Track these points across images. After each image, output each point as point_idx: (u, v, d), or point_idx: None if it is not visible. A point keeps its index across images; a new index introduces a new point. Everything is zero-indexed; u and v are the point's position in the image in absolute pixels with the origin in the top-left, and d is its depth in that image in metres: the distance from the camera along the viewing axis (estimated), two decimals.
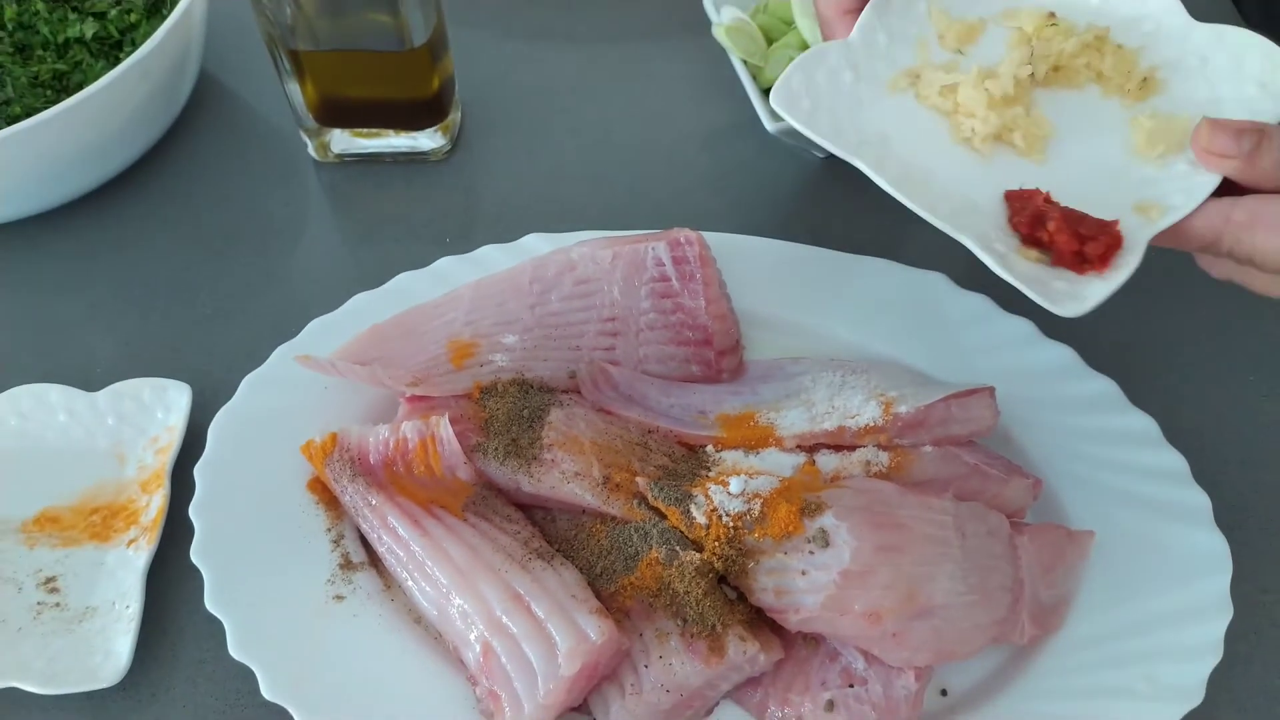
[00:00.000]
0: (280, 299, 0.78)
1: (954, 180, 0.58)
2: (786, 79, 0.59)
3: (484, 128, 0.89)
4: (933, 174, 0.58)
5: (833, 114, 0.59)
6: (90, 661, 0.60)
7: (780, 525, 0.56)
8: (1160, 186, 0.56)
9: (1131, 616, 0.60)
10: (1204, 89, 0.59)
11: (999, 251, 0.53)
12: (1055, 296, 0.50)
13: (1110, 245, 0.52)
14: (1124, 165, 0.58)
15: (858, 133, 0.58)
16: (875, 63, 0.62)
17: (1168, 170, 0.56)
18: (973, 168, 0.58)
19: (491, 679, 0.55)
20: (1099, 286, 0.51)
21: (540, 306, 0.70)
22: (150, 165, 0.86)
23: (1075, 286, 0.51)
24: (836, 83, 0.60)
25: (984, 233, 0.54)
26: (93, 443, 0.70)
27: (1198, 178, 0.54)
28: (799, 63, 0.59)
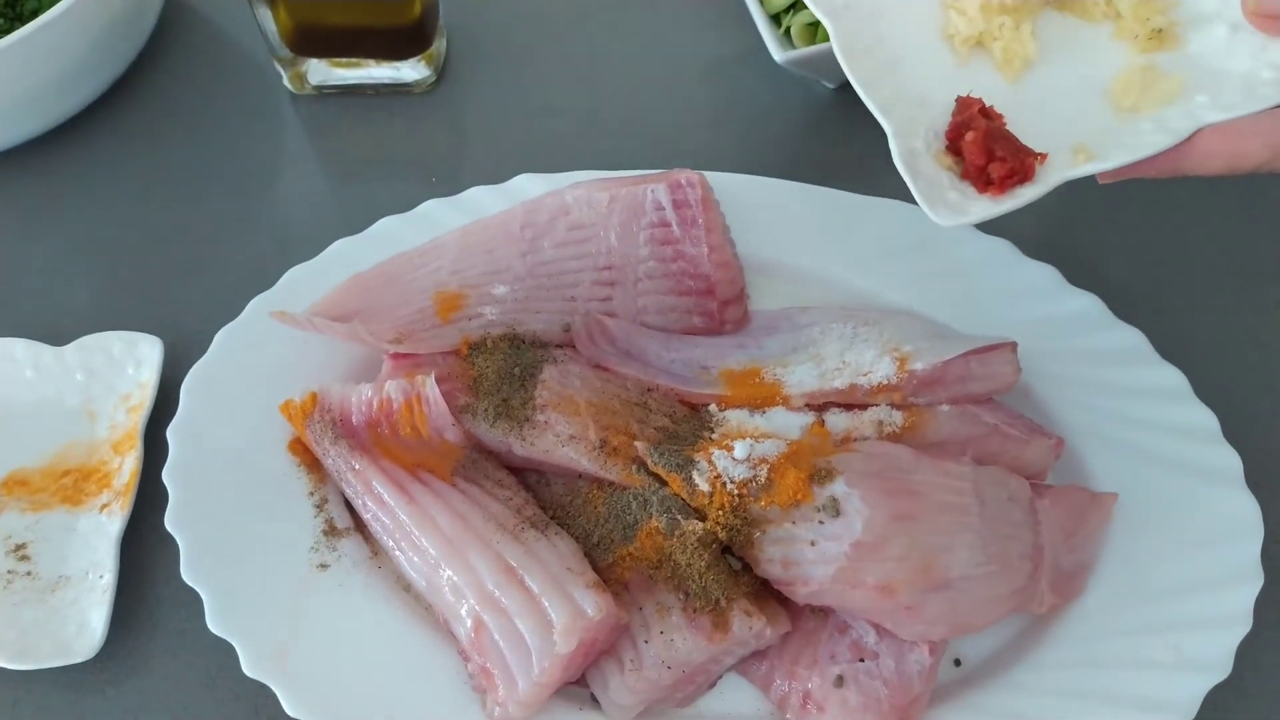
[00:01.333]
0: (256, 244, 0.74)
1: (919, 71, 0.55)
2: None
3: (471, 57, 0.84)
4: (902, 58, 0.55)
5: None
6: (63, 634, 0.58)
7: (788, 493, 0.53)
8: (1108, 136, 0.52)
9: (1156, 583, 0.58)
10: (1219, 57, 0.53)
11: (914, 148, 0.51)
12: (939, 204, 0.49)
13: (1014, 171, 0.49)
14: (1090, 107, 0.54)
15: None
16: None
17: (1129, 125, 0.52)
18: (944, 66, 0.56)
19: (484, 655, 0.53)
20: (984, 207, 0.49)
21: (532, 254, 0.65)
22: (113, 101, 0.80)
23: (965, 201, 0.50)
24: None
25: (914, 125, 0.52)
26: (61, 400, 0.66)
27: (1149, 137, 0.50)
28: None
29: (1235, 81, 0.51)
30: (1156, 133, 0.50)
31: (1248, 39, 0.53)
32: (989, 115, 0.52)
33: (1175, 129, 0.50)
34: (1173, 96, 0.52)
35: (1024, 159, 0.50)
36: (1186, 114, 0.50)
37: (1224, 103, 0.50)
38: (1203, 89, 0.51)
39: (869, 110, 0.51)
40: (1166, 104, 0.52)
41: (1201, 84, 0.52)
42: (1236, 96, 0.50)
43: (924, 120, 0.53)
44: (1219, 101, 0.50)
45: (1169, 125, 0.51)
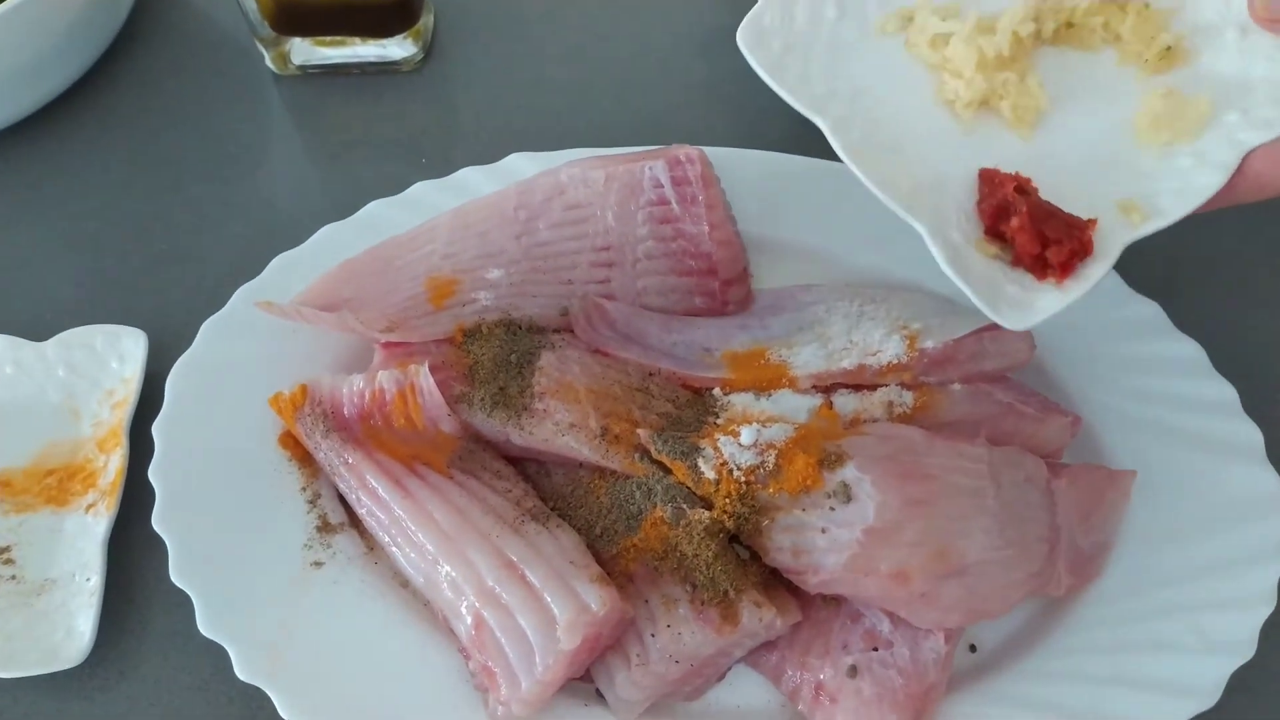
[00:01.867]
0: (241, 232, 0.72)
1: (927, 149, 0.51)
2: (758, 14, 0.52)
3: (460, 33, 0.81)
4: (904, 139, 0.51)
5: (805, 59, 0.52)
6: (51, 640, 0.56)
7: (797, 479, 0.51)
8: (1153, 183, 0.48)
9: (1176, 563, 0.56)
10: (1236, 65, 0.50)
11: (955, 242, 0.47)
12: (1002, 304, 0.45)
13: (1075, 252, 0.46)
14: (1122, 151, 0.50)
15: (828, 83, 0.52)
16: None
17: (1168, 163, 0.49)
18: (951, 136, 0.52)
19: (485, 653, 0.51)
20: (1053, 298, 0.46)
21: (527, 236, 0.63)
22: (90, 87, 0.78)
23: (1029, 294, 0.46)
24: (817, 20, 0.54)
25: (944, 215, 0.48)
26: (43, 397, 0.64)
27: (1198, 177, 0.47)
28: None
29: (1262, 90, 0.48)
30: (1202, 170, 0.47)
31: (1261, 41, 0.49)
32: (1024, 190, 0.48)
33: (1221, 161, 0.47)
34: (1205, 120, 0.48)
35: (1080, 234, 0.46)
36: (1226, 140, 0.47)
37: (1259, 118, 0.47)
38: (1231, 105, 0.48)
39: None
40: (1200, 130, 0.49)
41: (1229, 99, 0.49)
42: (1270, 109, 0.47)
43: (953, 204, 0.49)
44: (1253, 118, 0.47)
45: (1212, 158, 0.47)
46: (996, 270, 0.47)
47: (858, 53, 0.54)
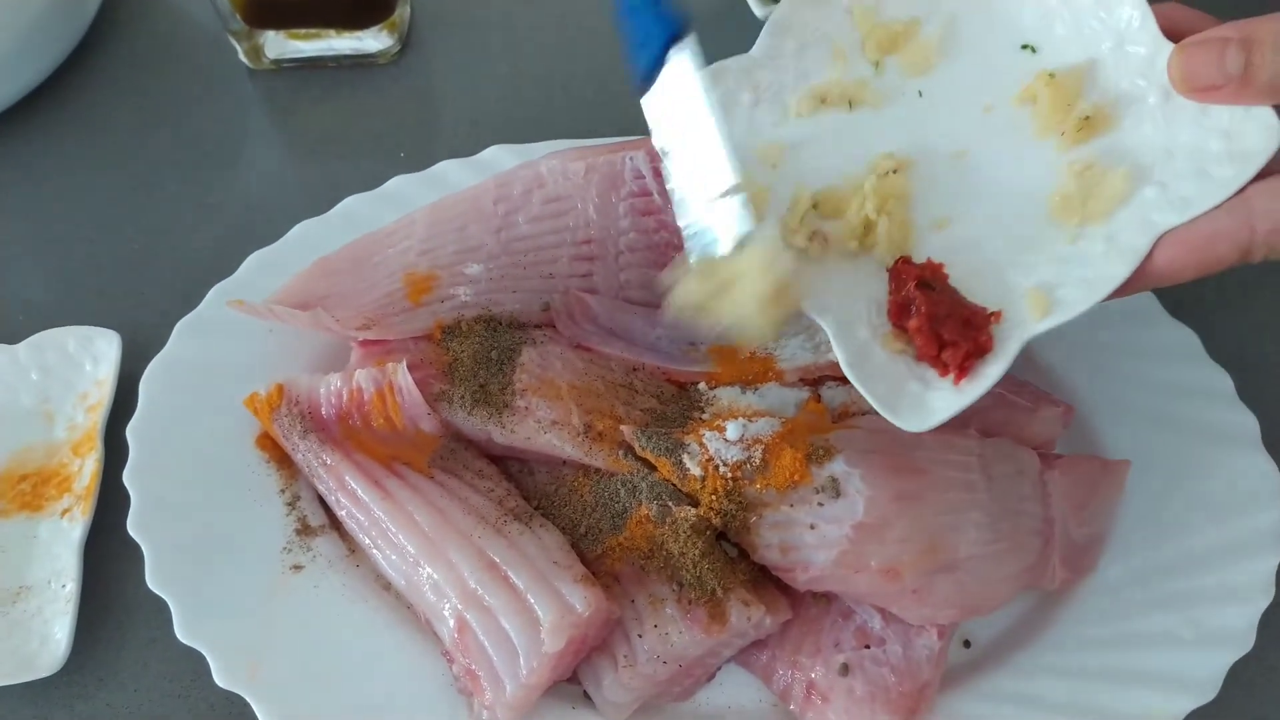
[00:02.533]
0: (215, 230, 0.70)
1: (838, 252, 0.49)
2: None
3: (436, 24, 0.80)
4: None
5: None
6: (26, 648, 0.55)
7: (785, 474, 0.50)
8: (1062, 270, 0.45)
9: (1172, 555, 0.55)
10: (1159, 134, 0.46)
11: (861, 339, 0.46)
12: (902, 406, 0.44)
13: (970, 354, 0.44)
14: (1038, 231, 0.47)
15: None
16: (781, 76, 0.53)
17: (1079, 247, 0.46)
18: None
19: (468, 656, 0.50)
20: (949, 400, 0.44)
21: (506, 230, 0.62)
22: (59, 84, 0.76)
23: (930, 393, 0.45)
24: (732, 107, 0.52)
25: (855, 310, 0.47)
26: (16, 401, 0.63)
27: (1108, 266, 0.44)
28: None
29: (1183, 161, 0.45)
30: (1111, 257, 0.44)
31: (1185, 106, 0.45)
32: (929, 282, 0.46)
33: (1131, 247, 0.44)
34: (1119, 198, 0.45)
35: (977, 335, 0.44)
36: (1139, 222, 0.44)
37: (1177, 196, 0.44)
38: (1150, 178, 0.45)
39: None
40: (1113, 210, 0.45)
41: (1149, 171, 0.45)
42: (1190, 185, 0.44)
43: (863, 299, 0.47)
44: (1171, 194, 0.44)
45: (1123, 242, 0.44)
46: (900, 366, 0.46)
47: (775, 135, 0.52)
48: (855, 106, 0.53)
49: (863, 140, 0.52)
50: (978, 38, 0.52)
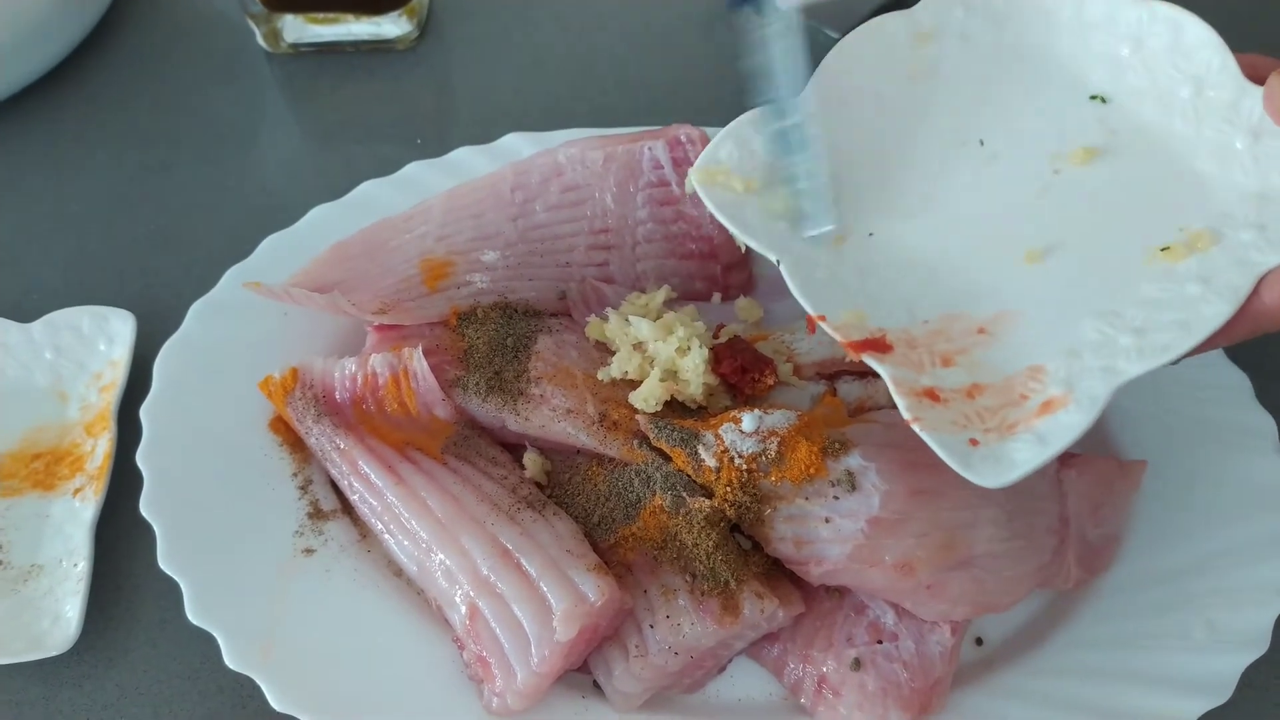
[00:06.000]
0: (231, 213, 0.70)
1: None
2: (713, 150, 0.50)
3: (456, 10, 0.79)
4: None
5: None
6: (37, 627, 0.55)
7: (800, 467, 0.50)
8: (1152, 314, 0.43)
9: (1187, 555, 0.55)
10: (1250, 179, 0.45)
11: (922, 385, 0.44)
12: (971, 459, 0.42)
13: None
14: (1124, 277, 0.45)
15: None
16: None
17: (1170, 290, 0.44)
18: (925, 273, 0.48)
19: (480, 643, 0.50)
20: (1031, 451, 0.42)
21: (523, 218, 0.61)
22: (77, 65, 0.76)
23: (1004, 444, 0.43)
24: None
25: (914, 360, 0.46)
26: (30, 380, 0.63)
27: (1206, 307, 0.42)
28: (732, 128, 0.51)
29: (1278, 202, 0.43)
30: (1209, 298, 0.42)
31: (1275, 147, 0.44)
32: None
33: (1230, 286, 0.42)
34: (1212, 241, 0.44)
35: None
36: (1237, 263, 0.42)
37: (1278, 236, 0.42)
38: (1246, 223, 0.43)
39: None
40: (1209, 248, 0.43)
41: (1243, 218, 0.44)
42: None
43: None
44: (1271, 236, 0.42)
45: (1220, 283, 0.42)
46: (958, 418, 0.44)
47: None
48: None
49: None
50: (1040, 90, 0.51)
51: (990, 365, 0.45)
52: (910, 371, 0.44)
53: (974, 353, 0.45)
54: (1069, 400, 0.42)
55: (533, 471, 0.55)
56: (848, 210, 0.50)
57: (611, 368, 0.56)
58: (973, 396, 0.44)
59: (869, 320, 0.46)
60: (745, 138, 0.51)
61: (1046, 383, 0.43)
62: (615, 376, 0.56)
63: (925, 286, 0.48)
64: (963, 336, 0.46)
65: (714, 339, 0.57)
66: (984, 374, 0.45)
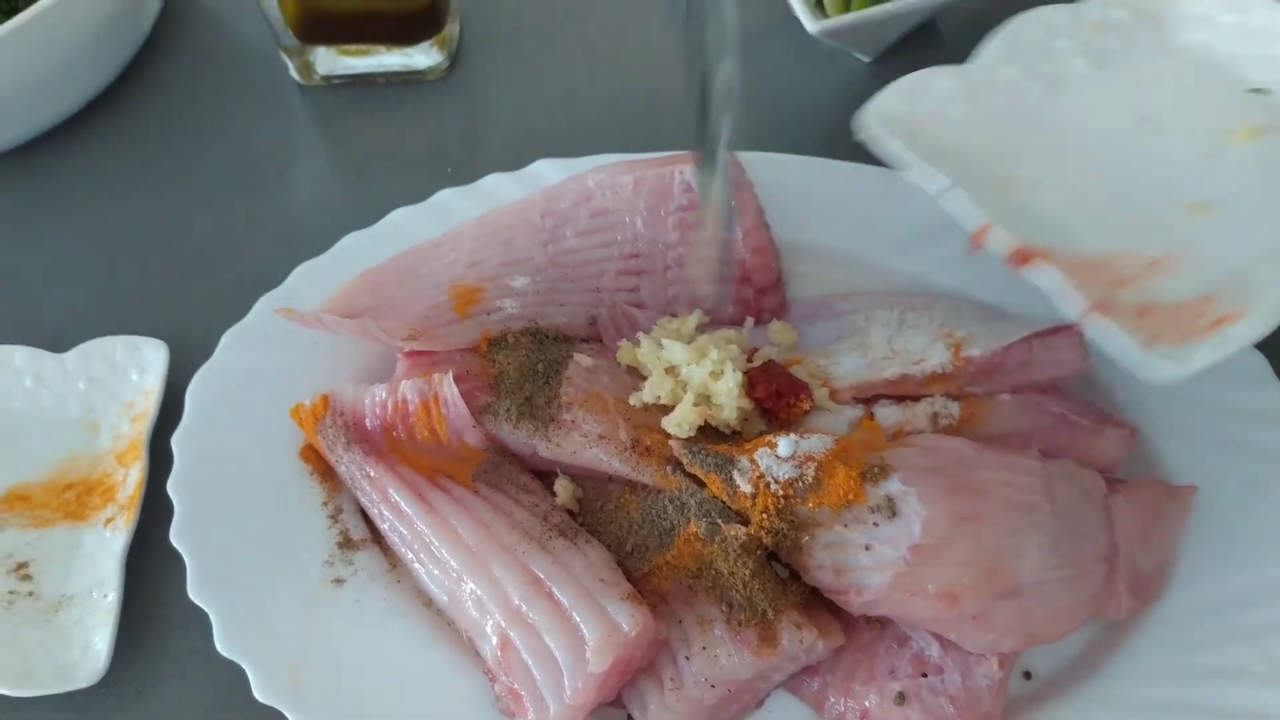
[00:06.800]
0: (264, 243, 0.70)
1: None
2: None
3: (485, 41, 0.80)
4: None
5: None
6: (67, 658, 0.54)
7: (838, 493, 0.49)
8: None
9: (1242, 584, 0.53)
10: None
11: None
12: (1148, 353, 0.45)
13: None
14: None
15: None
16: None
17: None
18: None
19: (511, 675, 0.49)
20: (1208, 352, 0.45)
21: (553, 244, 0.61)
22: (114, 98, 0.77)
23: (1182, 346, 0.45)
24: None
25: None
26: (63, 410, 0.63)
27: None
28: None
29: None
30: None
31: None
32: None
33: None
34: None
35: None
36: None
37: None
38: None
39: None
40: None
41: None
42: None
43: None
44: None
45: None
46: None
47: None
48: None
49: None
50: (1201, 83, 0.55)
51: (1161, 292, 0.47)
52: (1082, 282, 0.47)
53: (1143, 282, 0.48)
54: (1244, 314, 0.44)
55: (564, 499, 0.55)
56: (1015, 170, 0.53)
57: (644, 392, 0.55)
58: (1144, 315, 0.46)
59: (1036, 242, 0.48)
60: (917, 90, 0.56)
61: (1218, 306, 0.46)
62: (648, 401, 0.55)
63: (1090, 228, 0.51)
64: (1132, 269, 0.49)
65: (748, 363, 0.56)
66: (1155, 298, 0.47)
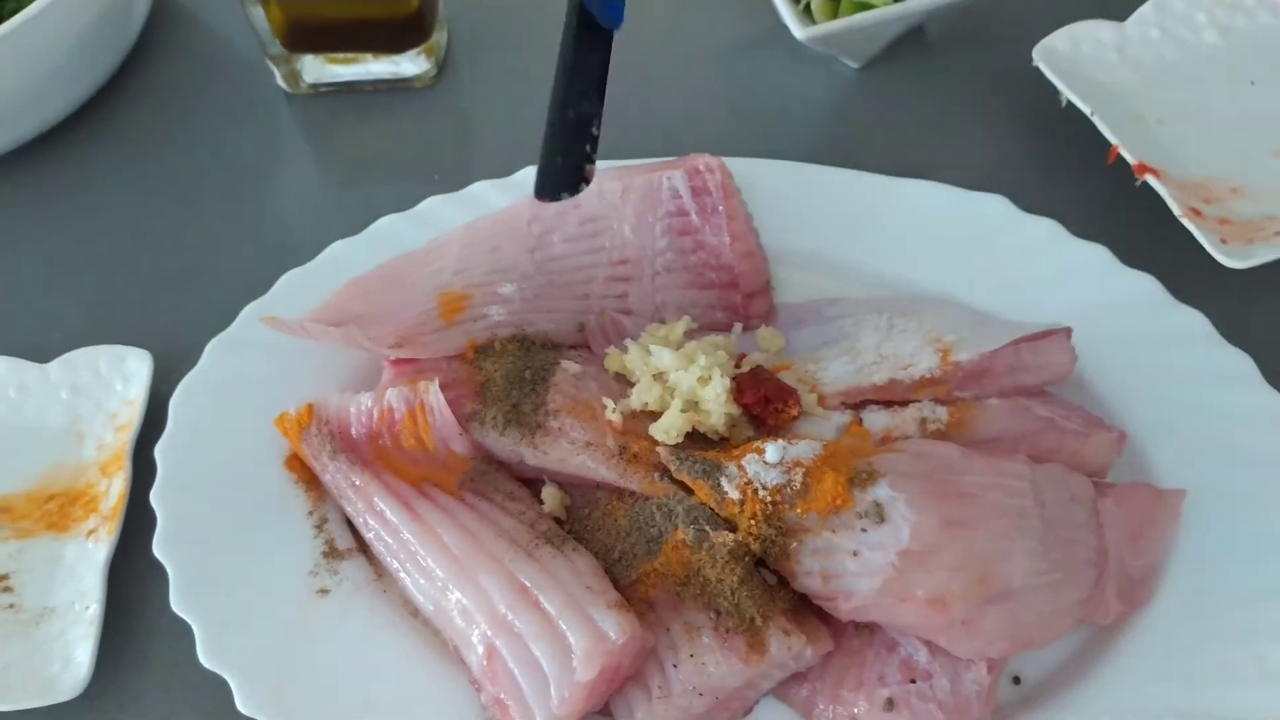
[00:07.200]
0: (251, 252, 0.70)
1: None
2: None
3: (473, 49, 0.80)
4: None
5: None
6: (48, 671, 0.54)
7: (826, 498, 0.48)
8: None
9: (1232, 588, 0.53)
10: None
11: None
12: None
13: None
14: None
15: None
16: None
17: None
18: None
19: (497, 685, 0.48)
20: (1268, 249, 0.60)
21: (541, 250, 0.61)
22: (99, 106, 0.77)
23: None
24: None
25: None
26: (46, 420, 0.62)
27: None
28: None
29: None
30: None
31: None
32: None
33: None
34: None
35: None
36: None
37: None
38: None
39: (899, 84, 0.48)
40: None
41: None
42: None
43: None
44: None
45: None
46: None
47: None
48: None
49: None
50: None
51: (1237, 211, 0.63)
52: (1180, 195, 0.62)
53: (1227, 203, 0.64)
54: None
55: (551, 506, 0.54)
56: (1146, 109, 0.69)
57: (631, 399, 0.55)
58: (1224, 223, 0.62)
59: (1153, 163, 0.63)
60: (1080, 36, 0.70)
61: (1278, 224, 0.61)
62: (635, 408, 0.54)
63: (1195, 158, 0.66)
64: (1219, 192, 0.64)
65: (736, 368, 0.56)
66: (1232, 214, 0.63)
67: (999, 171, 0.68)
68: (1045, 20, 0.72)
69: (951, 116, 0.74)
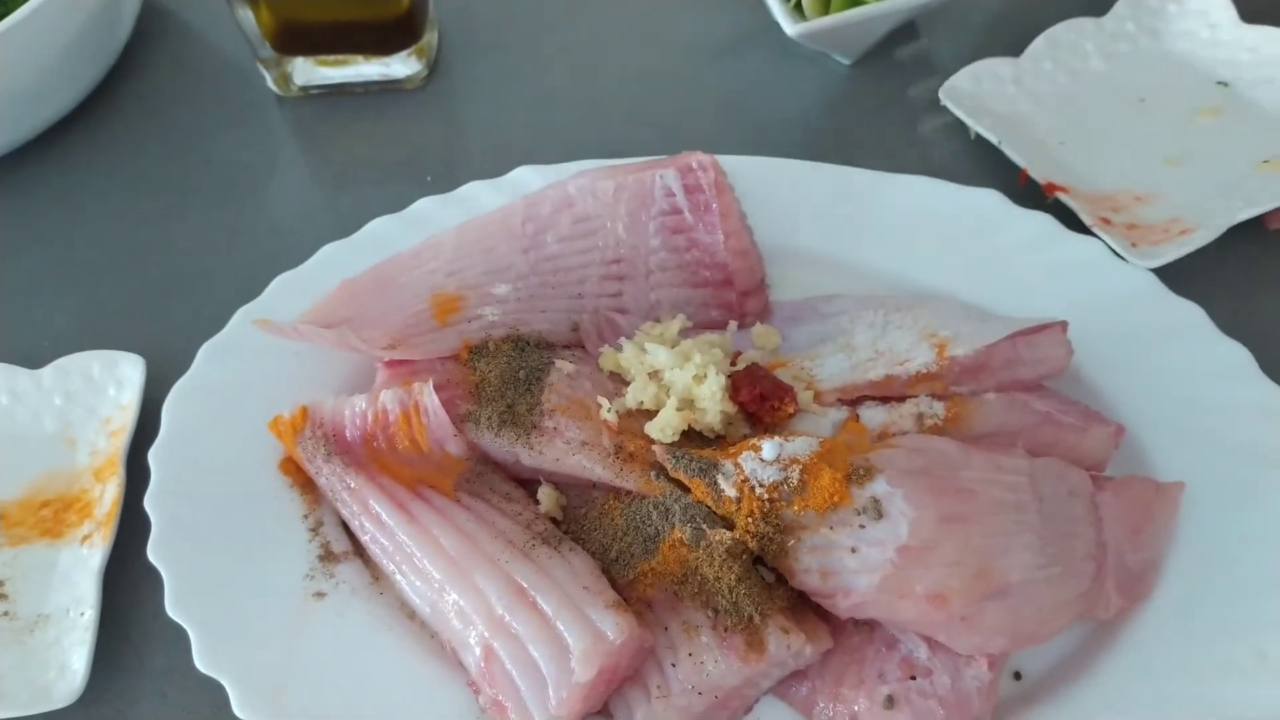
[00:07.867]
0: (242, 255, 0.70)
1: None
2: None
3: (464, 50, 0.79)
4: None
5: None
6: (43, 678, 0.53)
7: (824, 495, 0.48)
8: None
9: (1233, 581, 0.52)
10: None
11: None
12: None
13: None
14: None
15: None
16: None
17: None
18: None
19: (495, 687, 0.48)
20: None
21: (534, 250, 0.61)
22: (89, 111, 0.77)
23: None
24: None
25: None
26: (39, 426, 0.62)
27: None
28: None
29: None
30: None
31: None
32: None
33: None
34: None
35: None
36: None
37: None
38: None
39: (891, 81, 0.49)
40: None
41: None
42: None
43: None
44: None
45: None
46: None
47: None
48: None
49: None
50: (1180, 77, 0.77)
51: (1143, 216, 0.67)
52: (1089, 208, 0.66)
53: (1133, 210, 0.68)
54: (1199, 228, 0.64)
55: (547, 507, 0.54)
56: (1047, 135, 0.73)
57: (627, 398, 0.54)
58: (1132, 229, 0.66)
59: (1060, 181, 0.68)
60: (981, 74, 0.73)
61: (1181, 224, 0.65)
62: (631, 407, 0.54)
63: (1098, 173, 0.71)
64: (1125, 201, 0.69)
65: (731, 366, 0.56)
66: (1139, 219, 0.67)
67: (994, 165, 0.68)
68: (1039, 15, 0.72)
69: (944, 112, 0.74)
